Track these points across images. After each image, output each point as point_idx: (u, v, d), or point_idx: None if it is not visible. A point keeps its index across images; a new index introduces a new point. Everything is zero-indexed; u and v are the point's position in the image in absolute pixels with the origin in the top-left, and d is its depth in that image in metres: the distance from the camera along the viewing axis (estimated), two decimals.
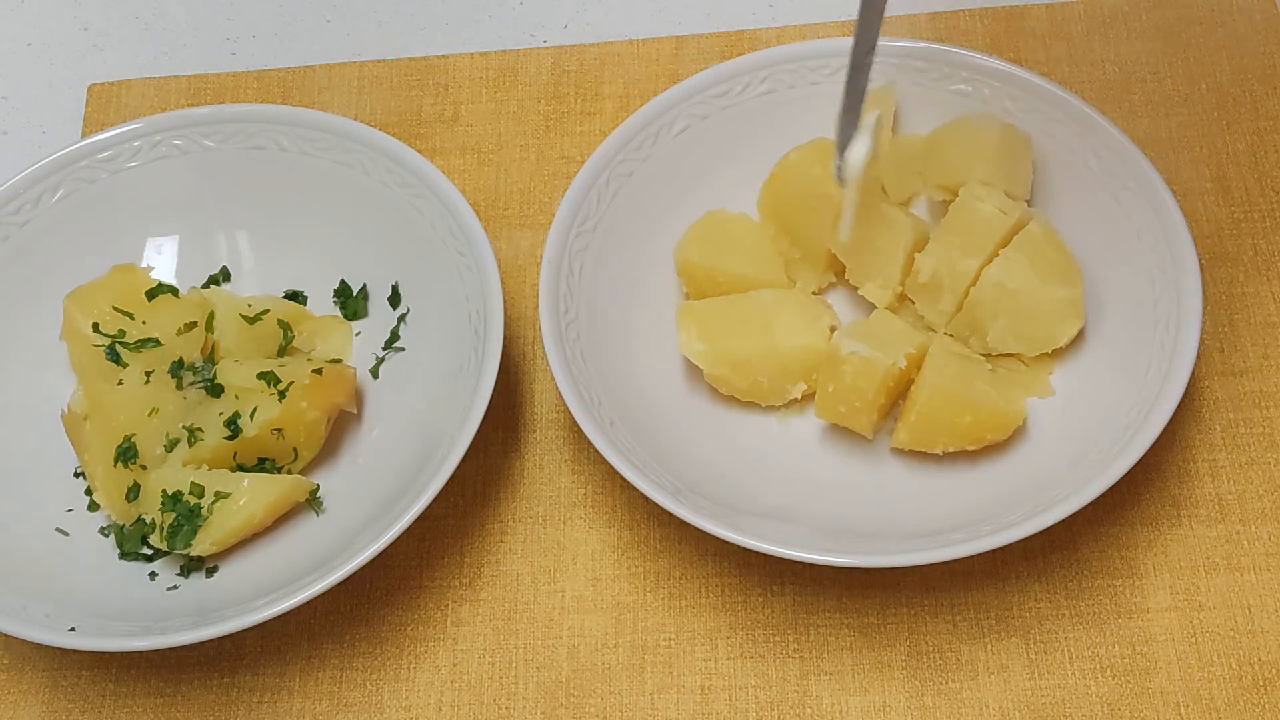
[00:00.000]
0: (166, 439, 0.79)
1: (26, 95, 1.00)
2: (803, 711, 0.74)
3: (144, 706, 0.77)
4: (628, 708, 0.75)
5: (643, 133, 0.84)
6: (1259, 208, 0.86)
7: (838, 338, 0.76)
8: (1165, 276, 0.77)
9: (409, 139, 0.92)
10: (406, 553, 0.80)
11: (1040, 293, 0.77)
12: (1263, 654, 0.74)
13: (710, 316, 0.79)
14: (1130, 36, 0.92)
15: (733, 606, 0.77)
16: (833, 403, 0.76)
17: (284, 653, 0.78)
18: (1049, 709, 0.73)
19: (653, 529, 0.79)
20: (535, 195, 0.91)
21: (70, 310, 0.83)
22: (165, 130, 0.87)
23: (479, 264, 0.80)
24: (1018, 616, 0.76)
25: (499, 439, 0.83)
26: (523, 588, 0.79)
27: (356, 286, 0.87)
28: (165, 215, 0.88)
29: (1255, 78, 0.90)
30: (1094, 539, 0.77)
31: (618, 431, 0.76)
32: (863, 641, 0.76)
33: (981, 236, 0.78)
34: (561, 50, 0.96)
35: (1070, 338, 0.78)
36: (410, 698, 0.76)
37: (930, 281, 0.79)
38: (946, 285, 0.79)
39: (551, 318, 0.78)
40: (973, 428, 0.76)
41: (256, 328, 0.83)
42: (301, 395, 0.79)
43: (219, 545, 0.77)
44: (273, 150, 0.86)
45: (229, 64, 0.99)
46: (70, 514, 0.81)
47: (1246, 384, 0.81)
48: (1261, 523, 0.77)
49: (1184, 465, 0.79)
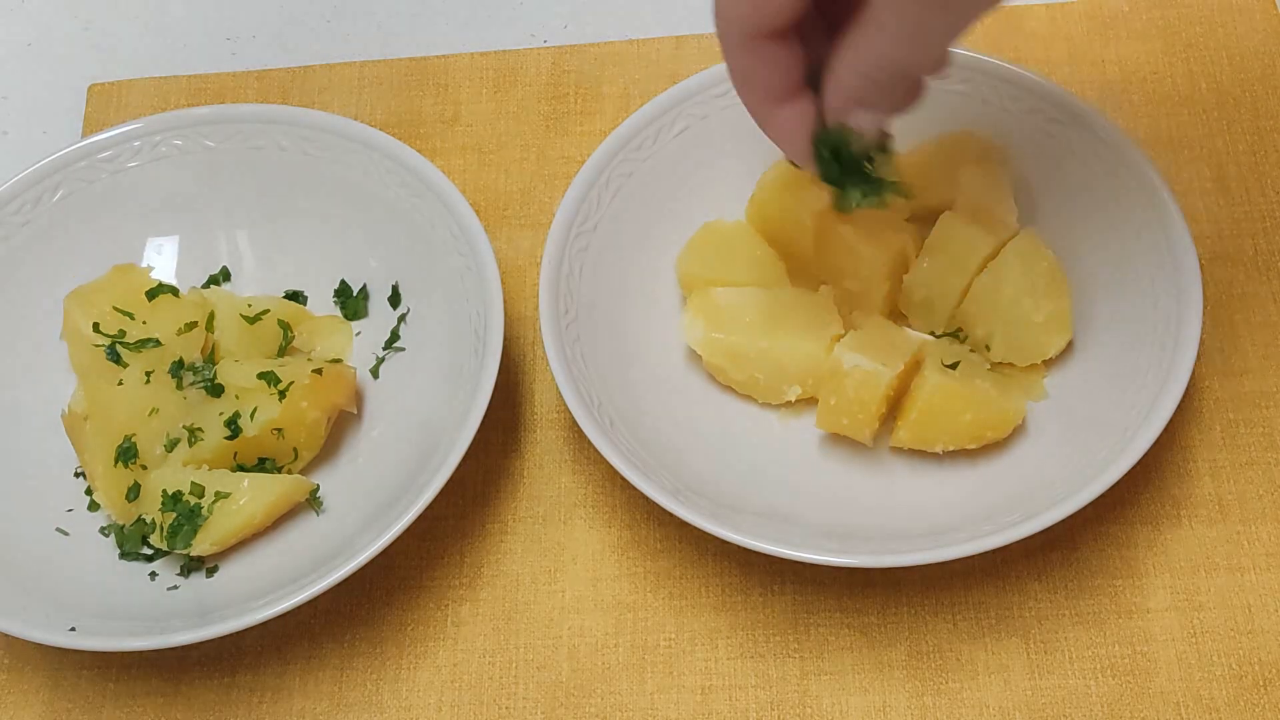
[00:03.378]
0: (166, 439, 0.79)
1: (26, 95, 1.00)
2: (803, 711, 0.74)
3: (144, 706, 0.77)
4: (628, 708, 0.75)
5: (643, 133, 0.84)
6: (1259, 208, 0.86)
7: (838, 351, 0.76)
8: (1165, 276, 0.77)
9: (409, 139, 0.92)
10: (406, 553, 0.80)
11: (1028, 306, 0.77)
12: (1263, 654, 0.74)
13: (719, 306, 0.80)
14: (1130, 36, 0.92)
15: (733, 606, 0.77)
16: (835, 415, 0.77)
17: (284, 653, 0.78)
18: (1049, 709, 0.73)
19: (653, 529, 0.79)
20: (535, 195, 0.91)
21: (70, 310, 0.83)
22: (165, 130, 0.87)
23: (479, 264, 0.80)
24: (1018, 616, 0.76)
25: (499, 439, 0.83)
26: (523, 588, 0.79)
27: (356, 286, 0.87)
28: (165, 215, 0.88)
29: (1255, 78, 0.90)
30: (1094, 539, 0.77)
31: (618, 431, 0.76)
32: (863, 641, 0.76)
33: (968, 255, 0.79)
34: (561, 50, 0.96)
35: (1059, 349, 0.78)
36: (410, 698, 0.76)
37: (921, 300, 0.80)
38: (937, 302, 0.80)
39: (551, 318, 0.78)
40: (973, 426, 0.76)
41: (256, 328, 0.83)
42: (301, 395, 0.79)
43: (219, 545, 0.77)
44: (273, 150, 0.86)
45: (229, 64, 0.99)
46: (70, 514, 0.81)
47: (1246, 384, 0.81)
48: (1261, 523, 0.77)
49: (1184, 465, 0.79)
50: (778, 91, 0.66)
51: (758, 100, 0.67)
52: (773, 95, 0.66)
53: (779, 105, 0.67)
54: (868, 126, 0.67)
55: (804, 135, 0.68)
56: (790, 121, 0.67)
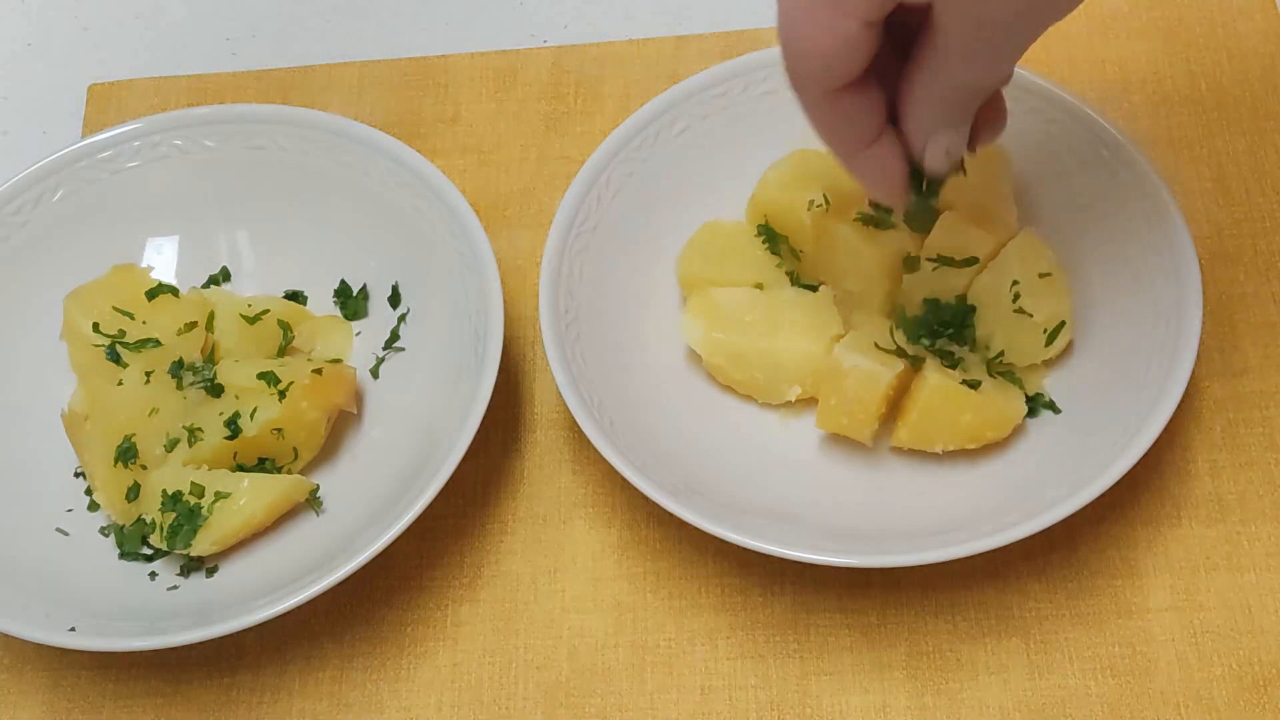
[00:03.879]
0: (166, 439, 0.79)
1: (26, 95, 1.00)
2: (803, 711, 0.74)
3: (144, 706, 0.77)
4: (628, 708, 0.75)
5: (643, 133, 0.84)
6: (1259, 208, 0.86)
7: (838, 351, 0.76)
8: (1165, 276, 0.77)
9: (409, 139, 0.91)
10: (406, 553, 0.80)
11: (1028, 306, 0.77)
12: (1263, 654, 0.74)
13: (719, 306, 0.80)
14: (1130, 36, 0.92)
15: (733, 606, 0.77)
16: (835, 415, 0.77)
17: (284, 653, 0.78)
18: (1049, 709, 0.73)
19: (653, 529, 0.79)
20: (535, 195, 0.91)
21: (70, 310, 0.83)
22: (165, 130, 0.87)
23: (479, 264, 0.80)
24: (1018, 616, 0.76)
25: (499, 439, 0.83)
26: (523, 588, 0.79)
27: (356, 286, 0.87)
28: (165, 215, 0.88)
29: (1255, 78, 0.90)
30: (1094, 539, 0.77)
31: (618, 431, 0.76)
32: (863, 641, 0.76)
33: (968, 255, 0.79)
34: (561, 50, 0.96)
35: (1059, 349, 0.78)
36: (410, 698, 0.76)
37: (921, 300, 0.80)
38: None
39: (551, 318, 0.78)
40: (973, 425, 0.76)
41: (256, 328, 0.83)
42: (301, 395, 0.79)
43: (219, 545, 0.77)
44: (273, 150, 0.86)
45: (229, 64, 0.99)
46: (70, 514, 0.81)
47: (1246, 384, 0.81)
48: (1261, 523, 0.77)
49: (1184, 465, 0.79)
50: (864, 137, 0.66)
51: (845, 149, 0.67)
52: (859, 142, 0.66)
53: (866, 148, 0.67)
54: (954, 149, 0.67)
55: (894, 175, 0.68)
56: (878, 163, 0.67)
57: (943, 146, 0.67)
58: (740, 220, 0.84)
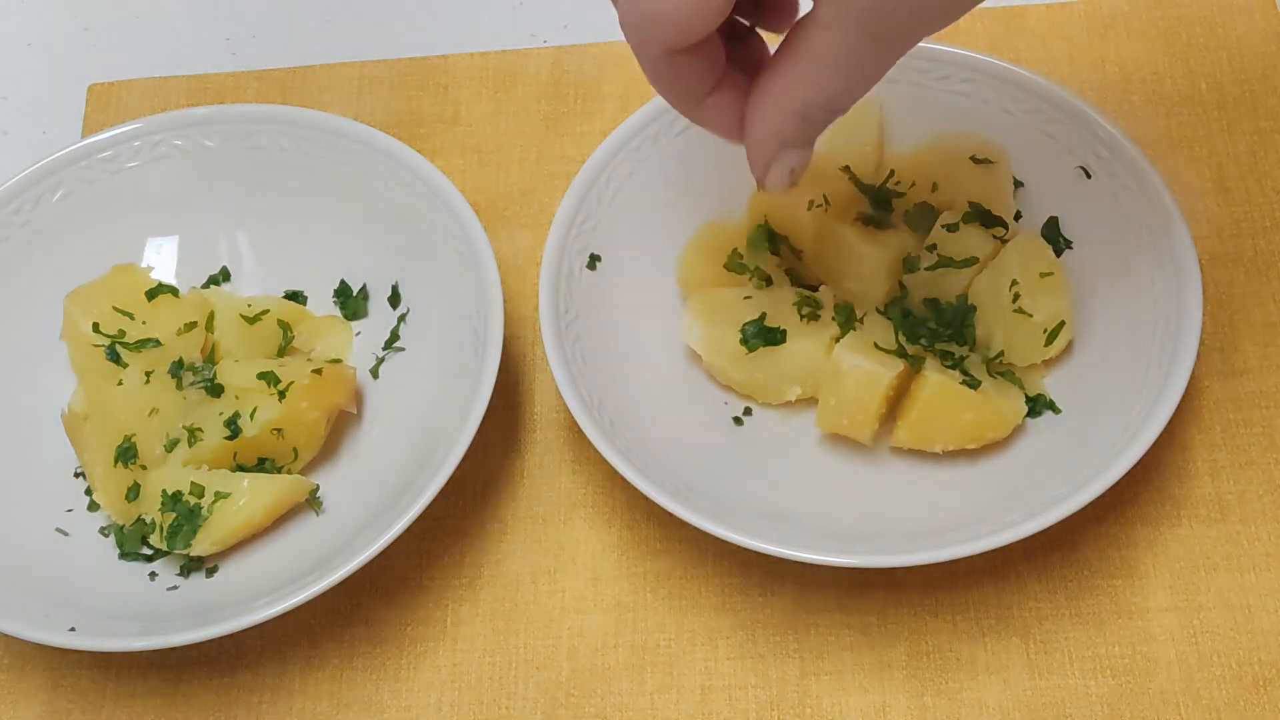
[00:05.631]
0: (166, 439, 0.79)
1: (26, 95, 1.00)
2: (803, 711, 0.74)
3: (144, 706, 0.77)
4: (628, 708, 0.75)
5: (643, 133, 0.84)
6: (1259, 208, 0.86)
7: (838, 351, 0.76)
8: (1165, 276, 0.77)
9: (409, 139, 0.92)
10: (406, 553, 0.80)
11: (1028, 306, 0.77)
12: (1263, 654, 0.74)
13: (718, 307, 0.80)
14: (1130, 36, 0.92)
15: (733, 606, 0.77)
16: (835, 415, 0.77)
17: (284, 653, 0.78)
18: (1049, 709, 0.73)
19: (653, 529, 0.79)
20: (535, 195, 0.91)
21: (70, 310, 0.83)
22: (165, 130, 0.87)
23: (479, 264, 0.80)
24: (1018, 616, 0.76)
25: (499, 439, 0.83)
26: (523, 588, 0.79)
27: (356, 286, 0.87)
28: (165, 215, 0.88)
29: (1255, 78, 0.90)
30: (1094, 539, 0.77)
31: (618, 431, 0.76)
32: (863, 641, 0.76)
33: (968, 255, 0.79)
34: (561, 50, 0.96)
35: (1059, 349, 0.78)
36: (410, 698, 0.76)
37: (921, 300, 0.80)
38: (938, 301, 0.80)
39: (551, 318, 0.78)
40: (973, 425, 0.76)
41: (256, 328, 0.83)
42: (301, 395, 0.79)
43: (219, 545, 0.77)
44: (273, 150, 0.86)
45: (229, 64, 0.99)
46: (70, 514, 0.81)
47: (1246, 384, 0.81)
48: (1261, 523, 0.77)
49: (1184, 465, 0.79)
50: (706, 89, 0.63)
51: (686, 102, 0.64)
52: (701, 94, 0.63)
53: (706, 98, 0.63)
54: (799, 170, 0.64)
55: (737, 118, 0.64)
56: (719, 110, 0.64)
57: (789, 166, 0.64)
58: (740, 220, 0.84)
